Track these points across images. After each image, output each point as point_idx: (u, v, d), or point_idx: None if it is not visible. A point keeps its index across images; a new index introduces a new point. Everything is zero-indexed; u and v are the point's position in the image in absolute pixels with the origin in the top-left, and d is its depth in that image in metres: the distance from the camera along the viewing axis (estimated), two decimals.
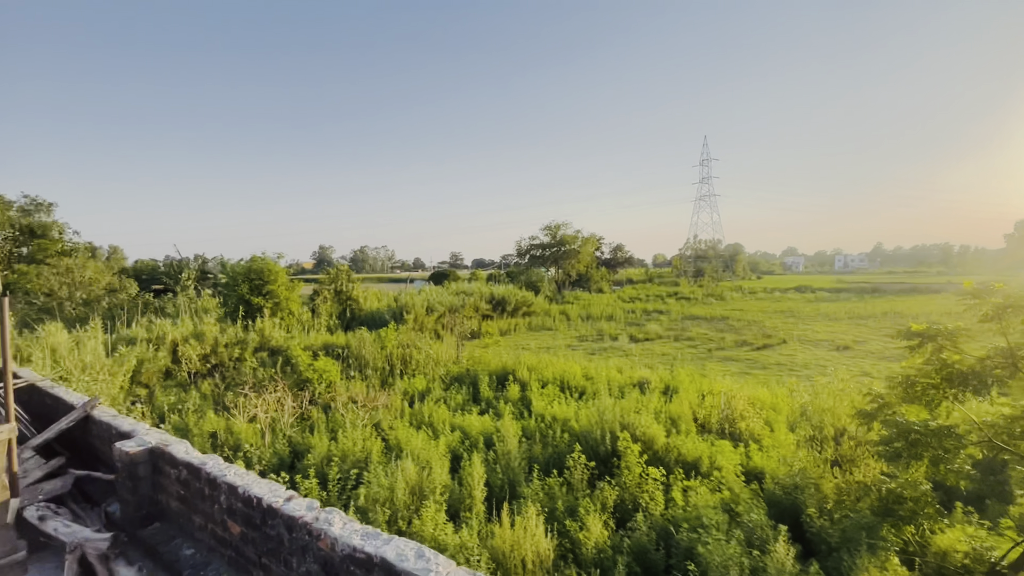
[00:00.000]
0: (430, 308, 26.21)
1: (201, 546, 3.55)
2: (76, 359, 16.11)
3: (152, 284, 29.92)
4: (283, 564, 2.88)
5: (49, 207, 31.83)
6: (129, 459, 3.86)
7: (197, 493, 3.54)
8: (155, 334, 20.05)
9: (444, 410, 13.42)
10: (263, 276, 24.16)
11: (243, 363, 19.02)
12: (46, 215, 31.85)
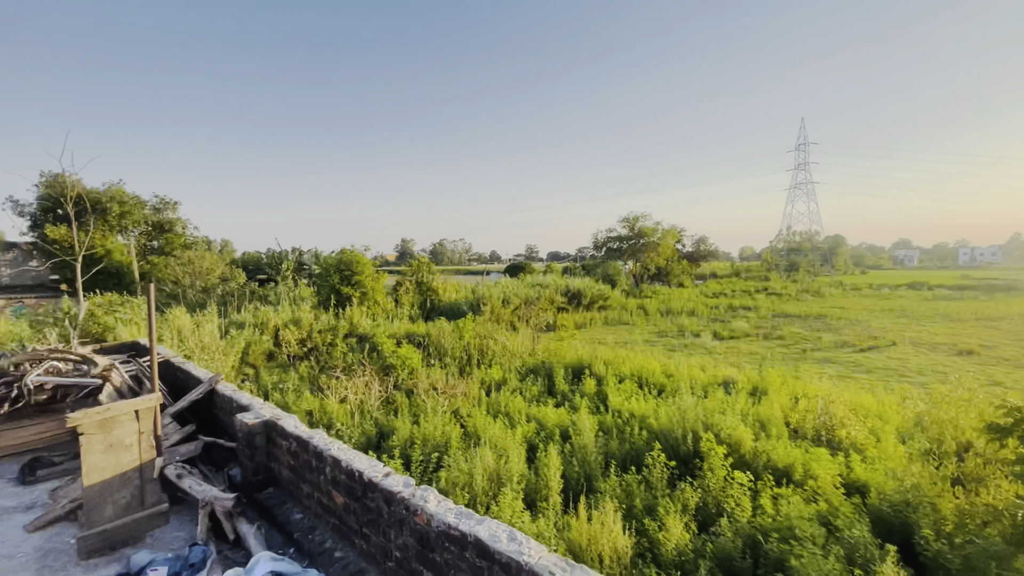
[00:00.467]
0: (506, 300, 26.61)
1: (309, 512, 3.89)
2: (197, 339, 18.19)
3: (257, 274, 32.96)
4: (382, 535, 3.09)
5: (175, 205, 36.00)
6: (248, 430, 4.31)
7: (305, 464, 3.87)
8: (260, 319, 22.10)
9: (520, 401, 13.61)
10: (352, 267, 25.77)
11: (334, 348, 20.46)
12: (172, 212, 36.07)
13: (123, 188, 33.19)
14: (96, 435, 3.66)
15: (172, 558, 3.51)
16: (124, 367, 6.53)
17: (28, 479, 5.09)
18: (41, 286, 31.07)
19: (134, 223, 33.43)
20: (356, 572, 3.25)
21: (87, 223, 27.37)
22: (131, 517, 3.86)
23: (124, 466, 3.81)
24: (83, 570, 3.59)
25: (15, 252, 33.00)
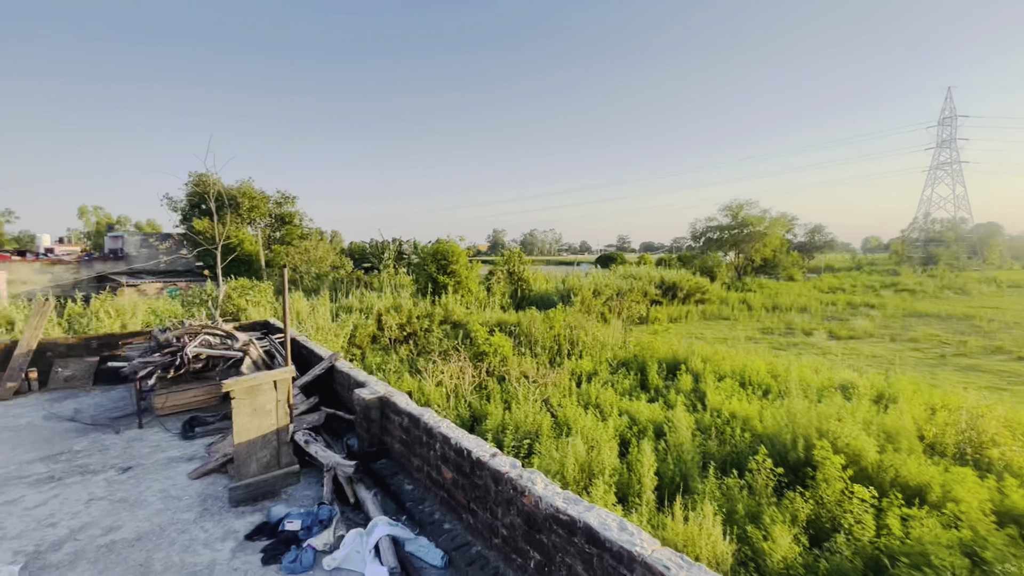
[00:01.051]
0: (597, 291, 26.23)
1: (419, 484, 4.15)
2: (312, 321, 20.07)
3: (362, 263, 35.54)
4: (489, 512, 3.21)
5: (293, 199, 39.81)
6: (365, 404, 4.69)
7: (416, 439, 4.13)
8: (365, 305, 23.82)
9: (611, 393, 13.41)
10: (447, 257, 26.86)
11: (431, 333, 21.53)
12: (291, 206, 39.92)
13: (252, 185, 37.27)
14: (244, 400, 4.20)
15: (304, 513, 3.94)
16: (259, 343, 7.39)
17: (188, 434, 5.98)
18: (189, 271, 36.02)
19: (260, 216, 37.46)
20: (463, 544, 3.43)
21: (224, 216, 31.21)
22: (270, 474, 4.39)
23: (265, 429, 4.34)
24: (234, 516, 4.16)
25: (170, 242, 38.46)
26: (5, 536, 3.98)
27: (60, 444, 5.90)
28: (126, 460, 5.41)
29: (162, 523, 4.11)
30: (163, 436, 6.08)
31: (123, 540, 3.88)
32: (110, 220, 54.93)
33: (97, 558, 3.66)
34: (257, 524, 4.00)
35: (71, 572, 3.50)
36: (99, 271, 34.79)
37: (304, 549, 3.53)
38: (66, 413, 7.00)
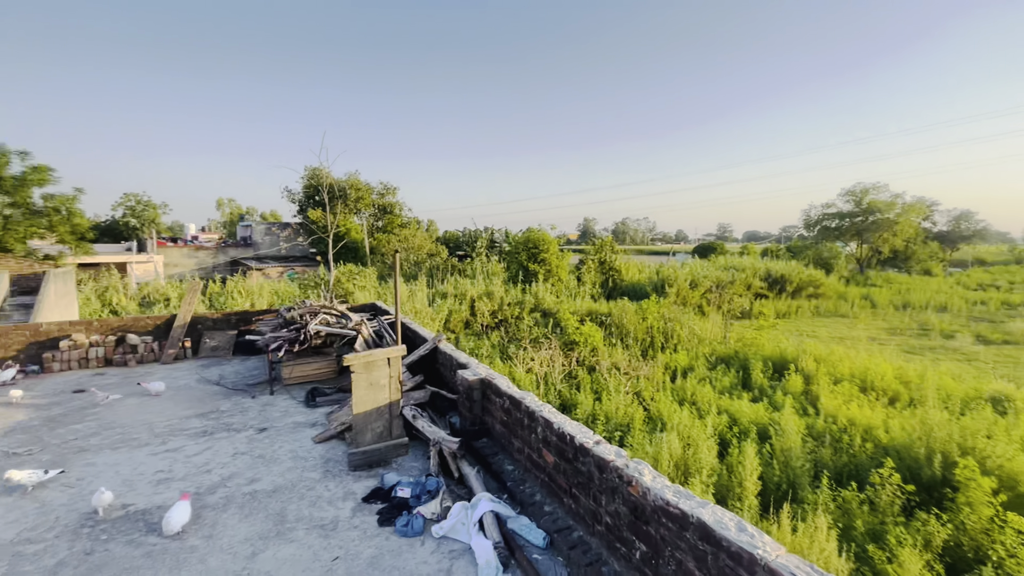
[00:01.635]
0: (694, 283, 24.95)
1: (519, 465, 4.26)
2: (411, 306, 21.24)
3: (456, 251, 36.87)
4: (591, 498, 3.21)
5: (395, 190, 42.18)
6: (468, 385, 4.89)
7: (517, 421, 4.23)
8: (459, 291, 24.70)
9: (709, 390, 12.76)
10: (538, 245, 26.99)
11: (521, 321, 21.84)
12: (392, 196, 42.35)
13: (358, 177, 39.97)
14: (362, 375, 4.57)
15: (413, 482, 4.22)
16: (369, 323, 7.97)
17: (311, 403, 6.64)
18: (305, 257, 39.68)
19: (365, 206, 40.12)
20: (564, 528, 3.47)
21: (335, 207, 33.91)
22: (383, 444, 4.75)
23: (379, 402, 4.69)
24: (352, 479, 4.57)
25: (289, 230, 42.51)
26: (174, 478, 4.71)
27: (210, 404, 6.85)
28: (261, 422, 6.14)
29: (293, 480, 4.62)
30: (290, 403, 6.82)
31: (263, 491, 4.42)
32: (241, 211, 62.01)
33: (243, 504, 4.20)
34: (372, 488, 4.35)
35: (224, 513, 4.06)
36: (232, 256, 39.50)
37: (415, 515, 3.78)
38: (213, 378, 8.10)
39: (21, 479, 4.37)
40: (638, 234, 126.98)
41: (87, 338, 9.00)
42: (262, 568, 3.35)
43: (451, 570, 3.30)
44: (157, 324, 9.70)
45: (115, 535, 3.78)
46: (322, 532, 3.76)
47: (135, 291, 25.38)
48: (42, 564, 3.45)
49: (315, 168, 36.85)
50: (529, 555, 3.36)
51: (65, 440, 5.65)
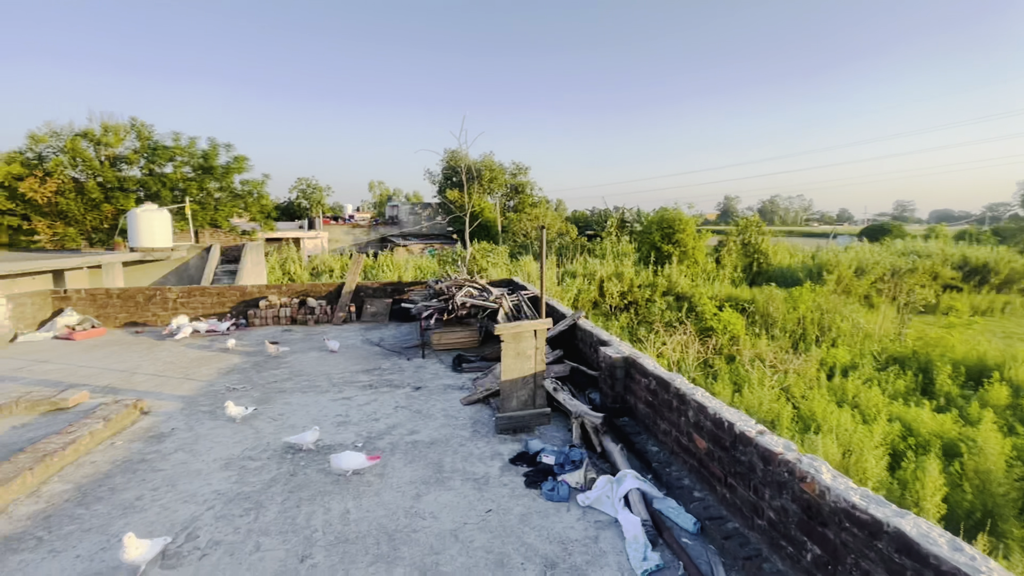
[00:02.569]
0: (860, 269, 21.70)
1: (665, 447, 4.16)
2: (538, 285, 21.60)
3: (585, 230, 36.57)
4: (752, 490, 3.02)
5: (526, 170, 42.95)
6: (611, 362, 4.87)
7: (664, 403, 4.12)
8: (588, 271, 24.51)
9: (877, 393, 11.16)
10: (673, 225, 25.59)
11: (652, 304, 21.04)
12: (524, 176, 43.19)
13: (492, 158, 41.35)
14: (510, 344, 4.81)
15: (557, 451, 4.37)
16: (508, 297, 8.32)
17: (457, 368, 7.18)
18: (443, 235, 42.48)
19: (499, 186, 41.49)
20: (717, 517, 3.32)
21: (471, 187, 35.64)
22: (527, 412, 4.97)
23: (525, 371, 4.90)
24: (498, 441, 4.87)
25: (429, 210, 45.71)
26: (350, 422, 5.45)
27: (373, 362, 7.77)
28: (416, 381, 6.81)
29: (446, 435, 5.07)
30: (439, 367, 7.45)
31: (422, 442, 4.92)
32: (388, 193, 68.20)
33: (406, 451, 4.72)
34: (517, 452, 4.59)
35: (391, 457, 4.60)
36: (382, 233, 43.78)
37: (560, 482, 3.91)
38: (374, 340, 9.15)
39: (234, 413, 5.38)
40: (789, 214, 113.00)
41: (279, 299, 10.74)
42: (426, 509, 3.75)
43: (597, 539, 3.37)
44: (329, 290, 11.21)
45: (310, 463, 4.51)
46: (475, 485, 4.08)
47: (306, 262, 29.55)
48: (261, 477, 4.26)
49: (453, 151, 39.03)
50: (678, 538, 3.29)
51: (268, 382, 6.86)
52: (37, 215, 20.54)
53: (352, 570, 3.08)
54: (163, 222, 17.50)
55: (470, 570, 3.07)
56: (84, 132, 21.79)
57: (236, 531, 3.50)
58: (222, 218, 25.50)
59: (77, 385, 6.62)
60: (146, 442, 4.97)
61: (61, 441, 4.62)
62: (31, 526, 3.58)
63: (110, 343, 9.25)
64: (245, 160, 25.53)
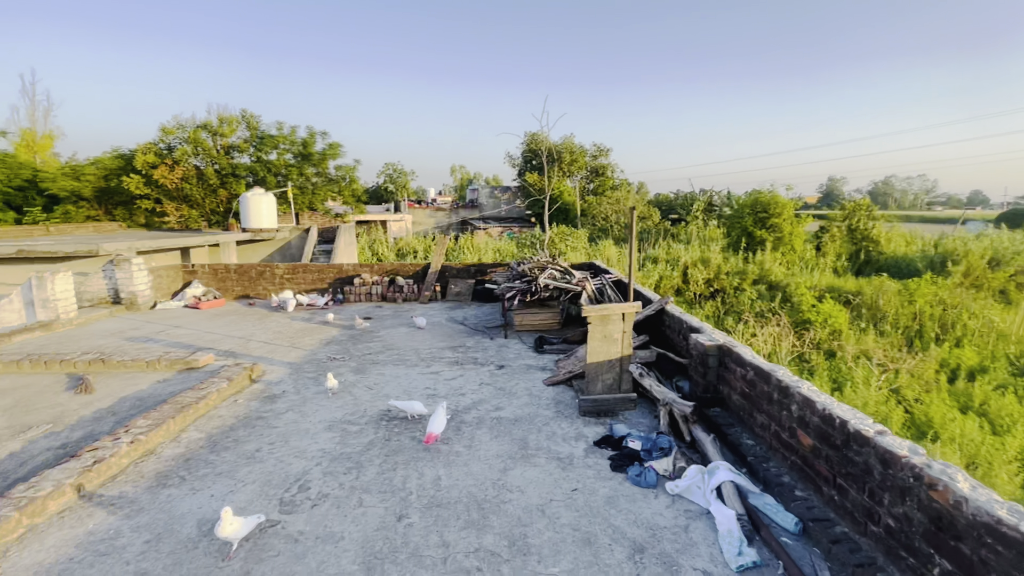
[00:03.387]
0: (995, 260, 18.95)
1: (761, 441, 3.93)
2: (620, 268, 21.12)
3: (668, 214, 35.07)
4: (867, 494, 2.78)
5: (607, 152, 41.83)
6: (703, 350, 4.66)
7: (763, 395, 3.88)
8: (671, 256, 23.56)
9: (1012, 401, 9.83)
10: (768, 209, 23.82)
11: (741, 292, 19.83)
12: (605, 159, 42.11)
13: (572, 140, 40.65)
14: (597, 326, 4.76)
15: (644, 437, 4.28)
16: (592, 281, 8.20)
17: (539, 349, 7.24)
18: (521, 218, 42.67)
19: (578, 169, 40.81)
20: (823, 519, 3.10)
21: (551, 171, 35.37)
22: (612, 396, 4.92)
23: (611, 355, 4.84)
24: (582, 423, 4.88)
25: (508, 193, 46.02)
26: (438, 394, 5.70)
27: (457, 339, 8.04)
28: (499, 360, 6.96)
29: (530, 413, 5.15)
30: (521, 347, 7.56)
31: (506, 418, 5.04)
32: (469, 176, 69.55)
33: (492, 426, 4.86)
34: (602, 435, 4.56)
35: (478, 431, 4.76)
36: (462, 216, 44.84)
37: (647, 468, 3.84)
38: (458, 318, 9.46)
39: (331, 385, 5.74)
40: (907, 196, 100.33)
41: (371, 277, 11.41)
42: (513, 482, 3.85)
43: (688, 528, 3.28)
44: (416, 270, 11.71)
45: (403, 431, 4.79)
46: (560, 464, 4.12)
47: (392, 244, 31.03)
48: (360, 440, 4.60)
49: (534, 134, 38.84)
50: (777, 536, 3.12)
51: (363, 354, 7.34)
52: (167, 199, 23.26)
53: (446, 533, 3.25)
54: (270, 205, 19.13)
55: (557, 545, 3.12)
56: (204, 124, 24.22)
57: (341, 487, 3.81)
58: (318, 201, 27.38)
59: (204, 348, 7.49)
60: (262, 402, 5.53)
61: (195, 396, 5.26)
62: (175, 466, 4.13)
63: (228, 313, 10.36)
64: (339, 147, 27.13)
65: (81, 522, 3.38)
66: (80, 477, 3.71)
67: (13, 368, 6.47)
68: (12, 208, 22.18)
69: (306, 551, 3.09)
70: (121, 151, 24.44)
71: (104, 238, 15.48)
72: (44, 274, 8.94)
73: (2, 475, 4.01)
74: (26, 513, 3.29)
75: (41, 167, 24.82)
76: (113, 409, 5.28)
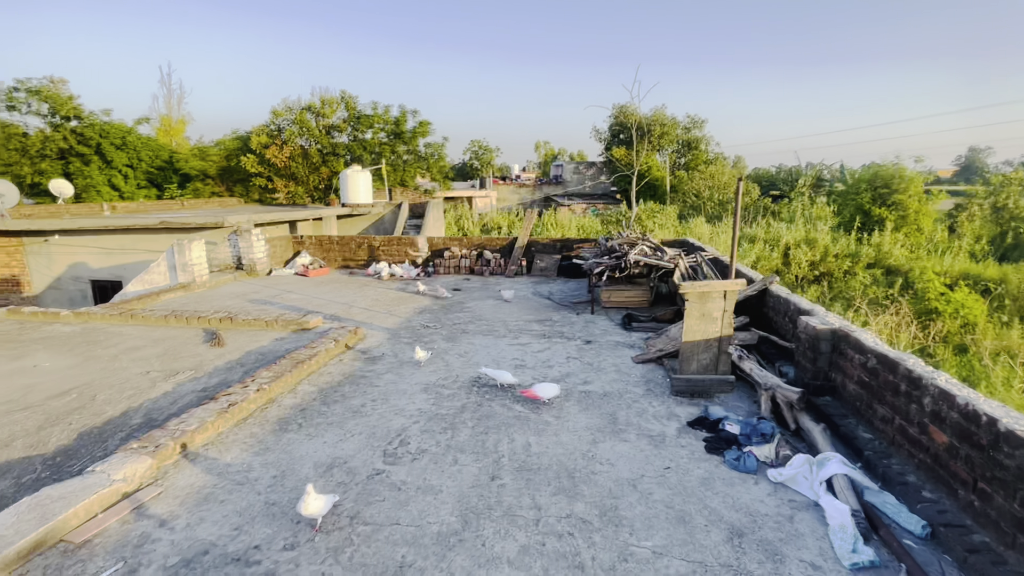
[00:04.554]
0: None
1: (882, 436, 3.59)
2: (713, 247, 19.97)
3: (769, 190, 32.40)
4: (1019, 503, 2.44)
5: (702, 124, 39.24)
6: (814, 334, 4.30)
7: (887, 385, 3.52)
8: (770, 236, 21.85)
9: None
10: (890, 184, 21.20)
11: (852, 277, 18.01)
12: (699, 131, 39.57)
13: (664, 112, 38.56)
14: (695, 304, 4.55)
15: (743, 421, 4.07)
16: (686, 258, 7.84)
17: (627, 327, 7.09)
18: (606, 195, 41.59)
19: (669, 142, 38.76)
20: (956, 525, 2.78)
21: (641, 144, 33.93)
22: (708, 376, 4.71)
23: (709, 334, 4.62)
24: (674, 402, 4.74)
25: (593, 169, 44.97)
26: (525, 366, 5.80)
27: (544, 314, 8.09)
28: (586, 335, 6.92)
29: (619, 389, 5.08)
30: (608, 324, 7.45)
31: (594, 392, 5.02)
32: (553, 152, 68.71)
33: (580, 399, 4.87)
34: (696, 416, 4.40)
35: (566, 403, 4.79)
36: (546, 193, 44.59)
37: (747, 453, 3.65)
38: (544, 293, 9.51)
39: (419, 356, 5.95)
40: None
41: (459, 251, 11.76)
42: (603, 455, 3.85)
43: (792, 518, 3.09)
44: (502, 245, 11.88)
45: (494, 398, 4.94)
46: (651, 441, 4.05)
47: (477, 219, 31.65)
48: (453, 403, 4.81)
49: (622, 106, 37.31)
50: (899, 537, 2.84)
51: (454, 323, 7.63)
52: (277, 176, 25.41)
53: (537, 496, 3.33)
54: (366, 182, 20.23)
55: (650, 520, 3.09)
56: (308, 106, 25.97)
57: (437, 444, 4.03)
58: (409, 178, 28.54)
59: (312, 312, 8.18)
60: (364, 362, 5.96)
61: (307, 353, 5.79)
62: (293, 414, 4.59)
63: (332, 281, 11.21)
64: (428, 124, 27.94)
65: (220, 455, 3.88)
66: (218, 417, 4.24)
67: (162, 322, 7.51)
68: (154, 185, 25.41)
69: (408, 499, 3.32)
70: (239, 133, 26.97)
71: (227, 211, 17.29)
72: (183, 242, 10.19)
73: (159, 410, 4.70)
74: (180, 443, 3.83)
75: (176, 149, 28.09)
76: (241, 361, 5.96)
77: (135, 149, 23.86)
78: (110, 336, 6.96)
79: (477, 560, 2.77)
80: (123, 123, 24.09)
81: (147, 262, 11.65)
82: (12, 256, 13.61)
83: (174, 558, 2.80)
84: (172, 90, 35.86)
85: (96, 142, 22.48)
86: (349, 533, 3.00)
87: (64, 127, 22.39)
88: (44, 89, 21.90)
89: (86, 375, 5.54)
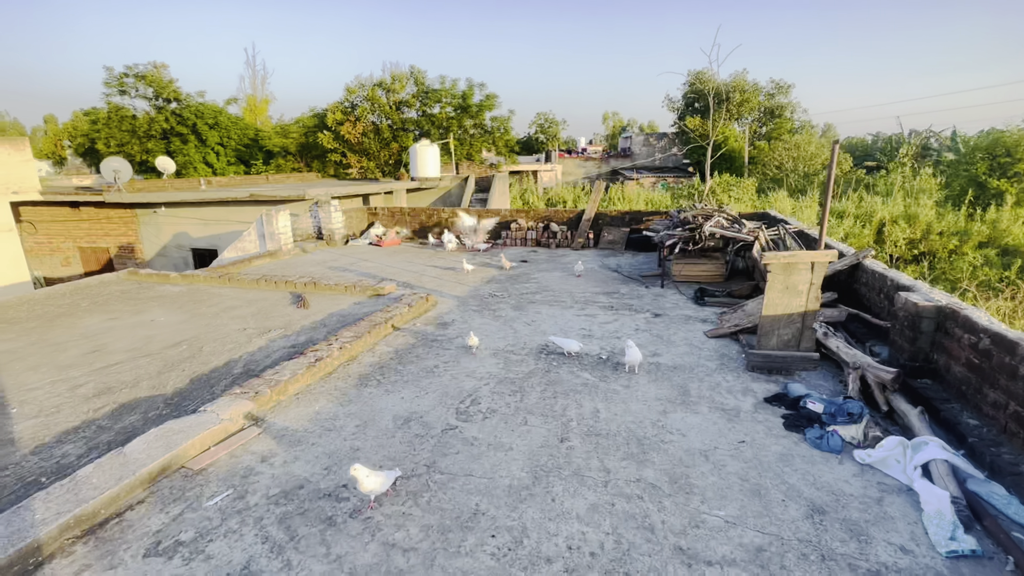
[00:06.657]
0: None
1: (991, 423, 3.28)
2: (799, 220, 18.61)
3: (864, 160, 29.54)
4: None
5: (788, 89, 36.17)
6: (915, 311, 3.95)
7: (1002, 368, 3.19)
8: (862, 211, 20.03)
9: None
10: (1011, 152, 18.65)
11: (959, 257, 16.19)
12: (784, 96, 36.50)
13: (744, 78, 35.89)
14: (779, 276, 4.31)
15: (828, 400, 3.85)
16: (766, 231, 7.39)
17: (699, 301, 6.85)
18: (677, 168, 39.75)
19: (749, 110, 36.15)
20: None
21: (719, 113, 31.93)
22: (788, 353, 4.48)
23: (792, 308, 4.37)
24: (750, 378, 4.56)
25: (664, 140, 43.04)
26: (592, 336, 5.78)
27: (611, 286, 7.98)
28: (655, 308, 6.76)
29: (691, 363, 4.96)
30: (679, 298, 7.23)
31: (664, 365, 4.93)
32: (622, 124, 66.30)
33: (649, 370, 4.81)
34: (774, 393, 4.22)
35: (635, 373, 4.75)
36: (613, 166, 43.31)
37: (830, 432, 3.47)
38: (611, 266, 9.35)
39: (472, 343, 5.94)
40: None
41: (526, 223, 11.77)
42: (673, 425, 3.80)
43: (881, 501, 2.92)
44: (569, 217, 11.75)
45: (561, 365, 4.99)
46: (724, 415, 3.94)
47: (542, 194, 31.41)
48: (521, 368, 4.91)
49: (698, 72, 35.10)
50: (1007, 529, 2.61)
51: (521, 293, 7.71)
52: (351, 152, 26.45)
53: (606, 460, 3.37)
54: (434, 156, 20.60)
55: (723, 491, 3.03)
56: (379, 82, 26.62)
57: (507, 406, 4.15)
58: (475, 152, 28.71)
59: (386, 279, 8.57)
60: (436, 327, 6.20)
61: (383, 317, 6.10)
62: (372, 371, 4.89)
63: (403, 250, 11.64)
64: (495, 98, 27.80)
65: (310, 404, 4.22)
66: (307, 371, 4.60)
67: (254, 285, 8.17)
68: (242, 162, 27.31)
69: (480, 454, 3.46)
70: (316, 110, 28.22)
71: (307, 185, 18.29)
72: (270, 213, 10.95)
73: (256, 362, 5.17)
74: (275, 391, 4.21)
75: (260, 127, 29.93)
76: (324, 322, 6.39)
77: (226, 128, 25.70)
78: (211, 296, 7.68)
79: (547, 514, 2.86)
80: (215, 103, 25.97)
81: (238, 232, 12.65)
82: (128, 225, 15.27)
83: (275, 489, 3.11)
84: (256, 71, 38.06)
85: (192, 122, 24.43)
86: (427, 480, 3.19)
87: (166, 109, 24.49)
88: (149, 74, 23.98)
89: (193, 329, 6.17)
